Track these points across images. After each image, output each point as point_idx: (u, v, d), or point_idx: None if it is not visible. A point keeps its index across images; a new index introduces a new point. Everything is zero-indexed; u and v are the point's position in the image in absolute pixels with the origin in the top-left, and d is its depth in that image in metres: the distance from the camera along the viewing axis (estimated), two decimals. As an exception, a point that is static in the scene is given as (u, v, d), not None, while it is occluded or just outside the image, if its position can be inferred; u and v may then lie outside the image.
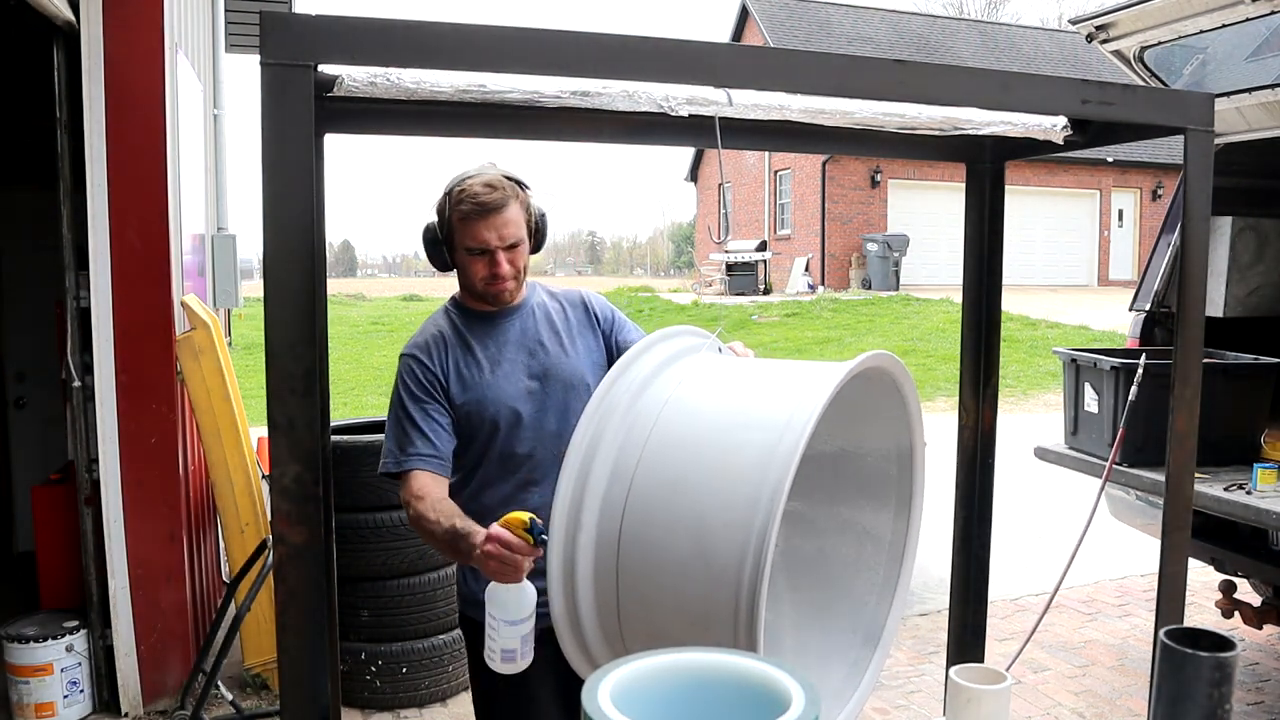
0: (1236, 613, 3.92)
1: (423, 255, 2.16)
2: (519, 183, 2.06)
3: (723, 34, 27.39)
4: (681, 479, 1.40)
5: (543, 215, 2.13)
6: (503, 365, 2.05)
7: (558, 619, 1.51)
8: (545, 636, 1.64)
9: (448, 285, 2.18)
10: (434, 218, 2.08)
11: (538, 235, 2.12)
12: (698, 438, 1.43)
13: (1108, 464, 3.40)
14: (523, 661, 1.66)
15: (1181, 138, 1.71)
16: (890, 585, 1.70)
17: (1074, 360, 3.83)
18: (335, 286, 30.53)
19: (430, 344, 2.07)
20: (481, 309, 2.11)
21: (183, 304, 3.99)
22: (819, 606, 1.73)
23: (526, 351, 2.07)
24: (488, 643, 1.65)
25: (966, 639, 2.14)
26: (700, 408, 1.47)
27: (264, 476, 4.09)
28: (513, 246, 2.03)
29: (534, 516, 1.58)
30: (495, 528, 1.62)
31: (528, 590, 1.63)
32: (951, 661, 2.10)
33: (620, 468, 1.45)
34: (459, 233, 2.02)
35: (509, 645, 1.62)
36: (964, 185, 2.09)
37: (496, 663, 1.65)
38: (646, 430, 1.46)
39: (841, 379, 1.36)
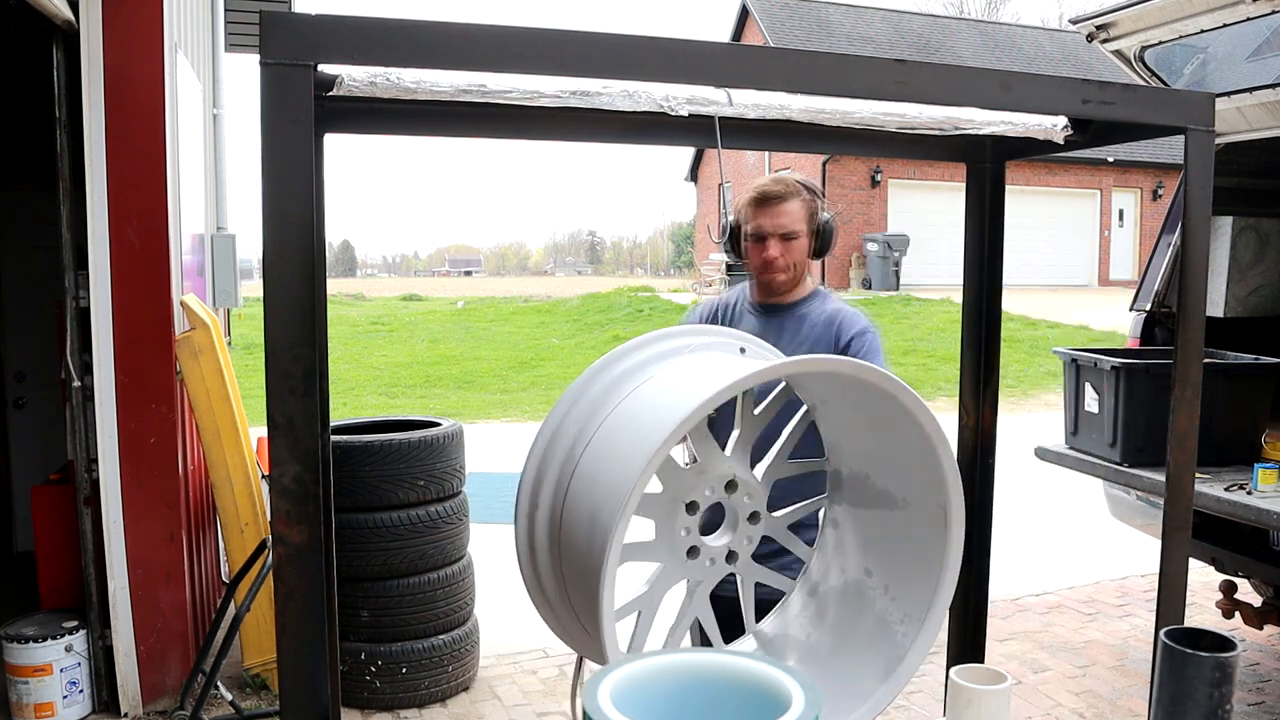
0: (1237, 613, 3.92)
1: (423, 254, 2.22)
2: (810, 189, 2.34)
3: (723, 34, 27.38)
4: (599, 469, 1.45)
5: (827, 223, 2.37)
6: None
7: (528, 585, 1.60)
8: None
9: (447, 286, 2.21)
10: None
11: (820, 240, 2.36)
12: (623, 430, 1.48)
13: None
14: None
15: (1182, 137, 1.71)
16: (919, 613, 1.65)
17: (1074, 360, 3.83)
18: (335, 286, 30.52)
19: (710, 307, 2.45)
20: (761, 300, 2.40)
21: (182, 304, 3.98)
22: (853, 626, 1.71)
23: (773, 344, 2.25)
24: None
25: (966, 639, 2.14)
26: (644, 402, 1.51)
27: (264, 476, 4.09)
28: (786, 238, 2.31)
29: None
30: None
31: None
32: (951, 661, 2.10)
33: (573, 452, 1.51)
34: (746, 220, 2.34)
35: None
36: (964, 185, 2.09)
37: None
38: (601, 419, 1.50)
39: (721, 388, 1.34)
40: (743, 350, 1.72)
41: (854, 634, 1.70)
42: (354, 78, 1.37)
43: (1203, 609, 4.42)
